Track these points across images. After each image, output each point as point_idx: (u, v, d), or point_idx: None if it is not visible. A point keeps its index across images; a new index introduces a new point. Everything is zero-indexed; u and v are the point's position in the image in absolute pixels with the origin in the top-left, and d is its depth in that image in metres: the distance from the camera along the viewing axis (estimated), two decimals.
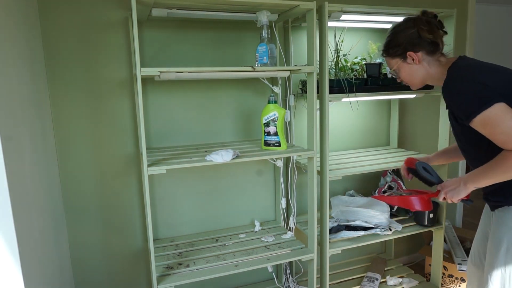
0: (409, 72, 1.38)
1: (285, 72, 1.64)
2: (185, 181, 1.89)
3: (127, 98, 1.74)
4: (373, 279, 2.04)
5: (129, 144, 1.77)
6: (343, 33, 2.02)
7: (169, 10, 1.53)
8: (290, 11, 1.61)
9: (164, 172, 1.38)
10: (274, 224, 2.02)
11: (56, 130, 1.66)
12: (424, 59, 1.33)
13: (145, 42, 1.73)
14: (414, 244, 2.53)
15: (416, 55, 1.32)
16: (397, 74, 1.42)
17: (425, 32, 1.29)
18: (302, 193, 2.10)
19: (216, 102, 1.90)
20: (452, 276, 2.14)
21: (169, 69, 1.37)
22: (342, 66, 1.81)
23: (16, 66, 1.25)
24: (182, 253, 1.69)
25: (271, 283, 2.08)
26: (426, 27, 1.29)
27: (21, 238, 1.12)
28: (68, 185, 1.70)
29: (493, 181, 1.21)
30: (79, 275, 1.78)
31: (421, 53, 1.32)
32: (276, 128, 1.63)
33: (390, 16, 1.83)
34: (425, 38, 1.29)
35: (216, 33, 1.85)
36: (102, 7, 1.65)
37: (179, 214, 1.90)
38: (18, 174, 1.16)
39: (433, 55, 1.32)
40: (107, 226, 1.79)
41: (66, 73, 1.64)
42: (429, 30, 1.29)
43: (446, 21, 1.86)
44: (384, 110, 2.28)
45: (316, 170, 1.65)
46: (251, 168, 2.01)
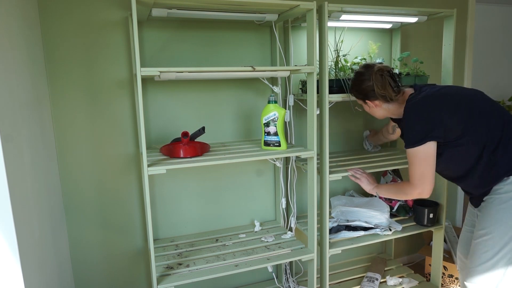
0: (371, 111, 1.61)
1: (285, 72, 1.64)
2: (185, 181, 1.89)
3: (127, 98, 1.74)
4: (373, 279, 2.04)
5: (129, 144, 1.77)
6: (343, 33, 2.02)
7: (169, 10, 1.53)
8: (290, 11, 1.61)
9: (164, 172, 1.38)
10: (274, 224, 2.02)
11: (56, 130, 1.66)
12: (383, 103, 1.54)
13: (145, 42, 1.73)
14: (414, 244, 2.53)
15: (373, 103, 1.55)
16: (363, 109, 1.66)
17: (379, 88, 1.49)
18: (302, 193, 2.10)
19: (216, 102, 1.90)
20: (452, 276, 2.14)
21: (169, 69, 1.37)
22: (342, 66, 1.81)
23: (16, 66, 1.26)
24: (182, 253, 1.70)
25: (271, 283, 2.08)
26: (380, 84, 1.49)
27: (21, 238, 1.12)
28: (68, 185, 1.70)
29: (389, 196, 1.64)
30: (79, 275, 1.78)
31: (378, 101, 1.54)
32: (276, 128, 1.63)
33: (390, 16, 1.83)
34: (378, 94, 1.50)
35: (216, 33, 1.85)
36: (102, 7, 1.65)
37: (179, 214, 1.90)
38: (18, 174, 1.16)
39: (389, 102, 1.53)
40: (107, 226, 1.79)
41: (66, 73, 1.64)
42: (382, 86, 1.48)
43: (446, 21, 1.86)
44: None
45: (316, 170, 1.65)
46: (251, 168, 2.01)
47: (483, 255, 1.36)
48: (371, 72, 1.50)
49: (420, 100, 1.40)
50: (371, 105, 1.56)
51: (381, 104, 1.54)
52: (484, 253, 1.35)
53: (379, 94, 1.49)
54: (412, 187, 1.43)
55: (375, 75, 1.49)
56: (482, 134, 1.34)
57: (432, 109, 1.36)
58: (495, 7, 3.06)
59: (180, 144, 1.51)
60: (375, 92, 1.50)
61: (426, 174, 1.38)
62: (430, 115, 1.35)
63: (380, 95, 1.49)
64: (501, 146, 1.33)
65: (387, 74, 1.50)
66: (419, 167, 1.38)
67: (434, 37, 2.33)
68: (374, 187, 1.68)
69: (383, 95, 1.49)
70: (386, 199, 2.02)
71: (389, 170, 2.09)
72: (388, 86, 1.48)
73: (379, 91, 1.49)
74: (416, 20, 1.90)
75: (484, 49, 2.86)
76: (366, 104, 1.59)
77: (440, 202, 1.97)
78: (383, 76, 1.49)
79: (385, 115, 1.60)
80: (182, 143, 1.50)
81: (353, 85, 1.60)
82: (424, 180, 1.39)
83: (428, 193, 1.41)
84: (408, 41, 2.27)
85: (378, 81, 1.49)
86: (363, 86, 1.53)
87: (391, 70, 1.52)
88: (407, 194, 1.48)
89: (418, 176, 1.39)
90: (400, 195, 1.55)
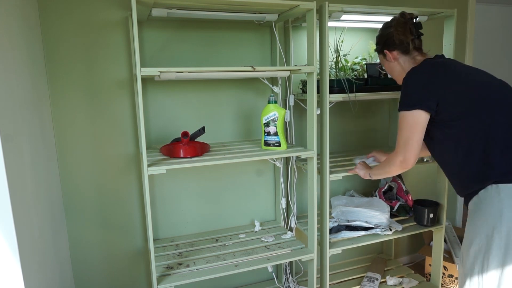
0: (389, 68, 1.54)
1: (285, 72, 1.64)
2: (185, 181, 1.89)
3: (127, 98, 1.74)
4: (373, 279, 2.04)
5: (129, 144, 1.77)
6: (343, 33, 2.02)
7: (169, 10, 1.53)
8: (290, 11, 1.61)
9: (164, 172, 1.38)
10: (274, 224, 2.02)
11: (56, 130, 1.66)
12: (399, 57, 1.47)
13: (145, 42, 1.73)
14: (414, 244, 2.53)
15: (391, 54, 1.47)
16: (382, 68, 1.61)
17: (399, 34, 1.42)
18: (302, 193, 2.10)
19: (216, 102, 1.90)
20: (452, 276, 2.14)
21: (169, 69, 1.37)
22: (342, 66, 1.81)
23: (16, 66, 1.25)
24: (182, 253, 1.69)
25: (271, 283, 2.08)
26: (401, 29, 1.42)
27: (21, 238, 1.12)
28: (68, 185, 1.70)
29: (381, 175, 1.55)
30: (79, 275, 1.78)
31: (396, 52, 1.46)
32: (276, 128, 1.63)
33: (390, 16, 1.82)
34: (397, 39, 1.43)
35: (216, 33, 1.85)
36: (102, 7, 1.65)
37: (179, 214, 1.90)
38: (18, 174, 1.16)
39: (407, 55, 1.45)
40: (107, 226, 1.79)
41: (66, 73, 1.64)
42: (402, 32, 1.41)
43: (446, 21, 1.86)
44: (384, 110, 2.28)
45: (316, 170, 1.65)
46: (251, 168, 2.01)
47: (466, 263, 1.30)
48: (395, 18, 1.46)
49: (424, 65, 1.35)
50: (389, 55, 1.47)
51: (398, 56, 1.46)
52: (466, 261, 1.30)
53: (398, 40, 1.43)
54: (395, 154, 1.36)
55: (398, 19, 1.44)
56: (480, 127, 1.23)
57: (433, 77, 1.29)
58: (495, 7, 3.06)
59: (180, 144, 1.51)
60: (394, 38, 1.43)
61: (410, 141, 1.31)
62: (428, 82, 1.29)
63: (399, 40, 1.43)
64: (498, 148, 1.21)
65: (410, 20, 1.43)
66: (405, 132, 1.31)
67: (434, 37, 2.33)
68: (367, 172, 1.65)
69: (401, 42, 1.42)
70: (386, 199, 2.03)
71: None
72: (408, 32, 1.42)
73: (398, 36, 1.42)
74: None
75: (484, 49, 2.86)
76: (385, 58, 1.51)
77: (440, 202, 1.97)
78: (405, 23, 1.42)
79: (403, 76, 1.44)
80: (182, 143, 1.50)
81: (376, 36, 1.54)
82: (407, 147, 1.32)
83: (410, 162, 1.33)
84: None
85: (399, 25, 1.43)
86: (384, 32, 1.48)
87: (415, 17, 1.45)
88: (391, 164, 1.40)
89: (402, 142, 1.33)
90: (387, 169, 1.45)
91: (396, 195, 2.06)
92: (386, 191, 2.09)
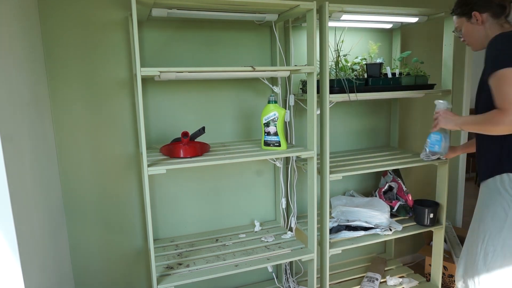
0: (470, 32, 1.44)
1: (285, 72, 1.64)
2: (185, 181, 1.89)
3: (127, 98, 1.74)
4: (373, 279, 2.04)
5: (129, 144, 1.77)
6: (343, 33, 2.02)
7: (169, 10, 1.52)
8: (290, 11, 1.61)
9: (164, 172, 1.38)
10: (274, 224, 2.02)
11: (56, 130, 1.66)
12: (487, 21, 1.38)
13: (145, 42, 1.73)
14: (414, 244, 2.53)
15: (480, 16, 1.38)
16: (461, 33, 1.48)
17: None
18: (302, 193, 2.10)
19: (216, 102, 1.90)
20: (452, 276, 2.14)
21: (169, 69, 1.37)
22: (342, 66, 1.81)
23: (16, 66, 1.25)
24: (182, 253, 1.69)
25: (271, 283, 2.08)
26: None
27: (21, 238, 1.12)
28: (68, 185, 1.70)
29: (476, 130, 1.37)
30: (79, 275, 1.78)
31: (486, 14, 1.37)
32: (276, 128, 1.63)
33: (391, 16, 1.83)
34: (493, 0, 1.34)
35: (216, 33, 1.84)
36: (102, 7, 1.65)
37: (179, 214, 1.90)
38: (18, 174, 1.16)
39: (498, 19, 1.37)
40: (107, 226, 1.79)
41: (66, 73, 1.64)
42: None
43: (446, 21, 1.86)
44: (384, 110, 2.28)
45: (316, 170, 1.65)
46: (251, 168, 2.01)
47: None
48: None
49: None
50: (479, 17, 1.38)
51: (487, 20, 1.37)
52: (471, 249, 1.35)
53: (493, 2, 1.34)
54: (503, 113, 1.20)
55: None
56: None
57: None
58: None
59: (180, 144, 1.51)
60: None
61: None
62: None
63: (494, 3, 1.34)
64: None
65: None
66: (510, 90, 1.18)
67: (434, 37, 2.33)
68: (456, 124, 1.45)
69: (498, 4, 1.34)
70: (386, 199, 2.03)
71: (389, 170, 2.09)
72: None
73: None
74: (417, 20, 1.90)
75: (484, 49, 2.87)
76: (469, 21, 1.41)
77: (440, 202, 1.97)
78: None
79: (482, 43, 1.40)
80: (182, 143, 1.50)
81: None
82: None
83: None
84: (408, 41, 2.27)
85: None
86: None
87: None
88: (497, 123, 1.23)
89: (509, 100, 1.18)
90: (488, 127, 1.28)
91: (396, 195, 2.06)
92: (386, 191, 2.09)
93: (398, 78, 1.85)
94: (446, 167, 1.92)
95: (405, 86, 1.83)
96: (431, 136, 1.65)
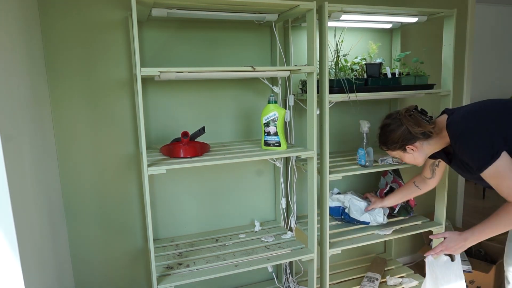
0: (411, 158, 1.51)
1: (285, 72, 1.64)
2: (185, 181, 1.89)
3: (127, 98, 1.74)
4: (373, 279, 2.03)
5: (129, 144, 1.77)
6: (343, 33, 2.02)
7: (169, 10, 1.53)
8: (290, 11, 1.61)
9: (164, 172, 1.38)
10: (274, 224, 2.02)
11: (56, 130, 1.66)
12: (422, 145, 1.47)
13: (145, 42, 1.73)
14: (414, 244, 2.53)
15: (414, 146, 1.46)
16: (400, 160, 1.60)
17: (414, 127, 1.42)
18: (302, 193, 2.10)
19: (216, 102, 1.90)
20: None
21: (169, 69, 1.37)
22: (342, 66, 1.81)
23: (16, 66, 1.26)
24: (182, 253, 1.70)
25: (271, 283, 2.08)
26: (413, 122, 1.42)
27: (21, 238, 1.12)
28: (68, 185, 1.70)
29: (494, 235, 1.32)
30: (79, 275, 1.78)
31: (418, 142, 1.46)
32: (276, 128, 1.63)
33: (390, 16, 1.83)
34: (416, 133, 1.42)
35: (216, 33, 1.85)
36: (102, 7, 1.65)
37: (179, 214, 1.90)
38: (18, 174, 1.16)
39: (429, 138, 1.45)
40: (107, 226, 1.79)
41: (66, 73, 1.64)
42: (416, 124, 1.41)
43: (446, 21, 1.86)
44: (384, 110, 2.28)
45: (316, 170, 1.65)
46: (251, 168, 2.01)
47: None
48: (399, 118, 1.46)
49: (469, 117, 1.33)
50: (412, 149, 1.47)
51: (421, 144, 1.46)
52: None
53: (418, 133, 1.42)
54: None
55: (404, 117, 1.44)
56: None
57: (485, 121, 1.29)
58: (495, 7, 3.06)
59: (180, 144, 1.51)
60: (412, 133, 1.43)
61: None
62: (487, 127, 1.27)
63: (419, 133, 1.42)
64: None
65: (415, 112, 1.45)
66: (510, 180, 1.24)
67: (434, 37, 2.33)
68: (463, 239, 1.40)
69: (422, 132, 1.42)
70: None
71: (389, 170, 2.09)
72: (422, 121, 1.42)
73: (416, 130, 1.42)
74: (416, 20, 1.90)
75: (484, 49, 2.87)
76: (405, 152, 1.49)
77: (440, 202, 1.97)
78: (412, 116, 1.44)
79: (427, 156, 1.51)
80: (182, 143, 1.50)
81: (385, 138, 1.52)
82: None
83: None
84: (408, 41, 2.27)
85: (410, 122, 1.43)
86: (397, 134, 1.46)
87: (416, 106, 1.48)
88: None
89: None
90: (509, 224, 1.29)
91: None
92: (387, 193, 2.09)
93: (397, 78, 1.85)
94: (446, 167, 1.92)
95: (405, 86, 1.83)
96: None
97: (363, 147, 1.77)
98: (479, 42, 2.82)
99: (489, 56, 2.95)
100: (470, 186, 4.09)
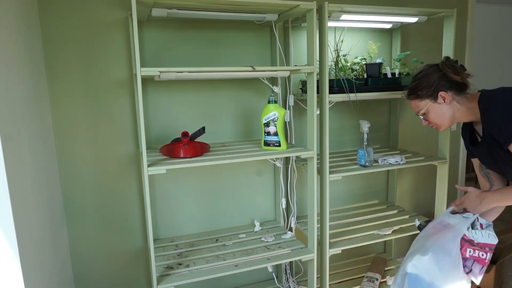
0: (439, 113, 1.42)
1: (285, 72, 1.64)
2: (185, 181, 1.89)
3: (127, 98, 1.74)
4: (373, 279, 2.04)
5: (129, 144, 1.77)
6: (343, 33, 2.02)
7: (169, 10, 1.53)
8: (290, 11, 1.61)
9: (164, 172, 1.38)
10: (274, 224, 2.02)
11: (56, 130, 1.66)
12: (454, 98, 1.38)
13: (145, 42, 1.73)
14: None
15: (447, 95, 1.37)
16: (426, 116, 1.45)
17: (452, 74, 1.35)
18: (302, 193, 2.10)
19: (216, 102, 1.90)
20: None
21: (169, 69, 1.37)
22: (342, 66, 1.81)
23: (16, 66, 1.26)
24: (182, 253, 1.70)
25: (271, 283, 2.08)
26: (451, 70, 1.36)
27: (21, 238, 1.12)
28: (68, 184, 1.70)
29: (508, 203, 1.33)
30: (79, 275, 1.78)
31: (451, 92, 1.37)
32: (276, 128, 1.63)
33: (390, 16, 1.83)
34: (453, 79, 1.36)
35: (216, 33, 1.85)
36: (102, 7, 1.65)
37: (179, 214, 1.90)
38: (18, 174, 1.16)
39: (462, 94, 1.38)
40: (107, 226, 1.79)
41: (66, 73, 1.64)
42: (454, 72, 1.36)
43: (446, 21, 1.86)
44: (384, 110, 2.28)
45: (316, 170, 1.65)
46: (251, 168, 2.01)
47: None
48: (438, 64, 1.40)
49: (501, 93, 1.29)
50: (444, 99, 1.38)
51: (453, 98, 1.37)
52: None
53: (453, 81, 1.36)
54: None
55: (443, 64, 1.38)
56: None
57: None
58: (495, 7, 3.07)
59: (180, 144, 1.51)
60: (449, 79, 1.36)
61: None
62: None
63: (455, 81, 1.36)
64: None
65: (454, 62, 1.39)
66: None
67: (434, 37, 2.33)
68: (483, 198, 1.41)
69: (458, 82, 1.36)
70: None
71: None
72: (461, 71, 1.37)
73: (453, 75, 1.35)
74: (416, 20, 1.90)
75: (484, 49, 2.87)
76: (435, 102, 1.40)
77: (440, 202, 1.97)
78: (451, 65, 1.38)
79: (453, 119, 1.42)
80: (182, 143, 1.51)
81: (418, 83, 1.42)
82: None
83: None
84: (408, 41, 2.27)
85: (449, 68, 1.36)
86: (433, 77, 1.38)
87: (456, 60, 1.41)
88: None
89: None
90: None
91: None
92: None
93: (397, 78, 1.85)
94: (446, 167, 1.92)
95: (405, 86, 1.83)
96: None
97: (363, 147, 1.77)
98: (479, 42, 2.81)
99: (489, 56, 2.95)
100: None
